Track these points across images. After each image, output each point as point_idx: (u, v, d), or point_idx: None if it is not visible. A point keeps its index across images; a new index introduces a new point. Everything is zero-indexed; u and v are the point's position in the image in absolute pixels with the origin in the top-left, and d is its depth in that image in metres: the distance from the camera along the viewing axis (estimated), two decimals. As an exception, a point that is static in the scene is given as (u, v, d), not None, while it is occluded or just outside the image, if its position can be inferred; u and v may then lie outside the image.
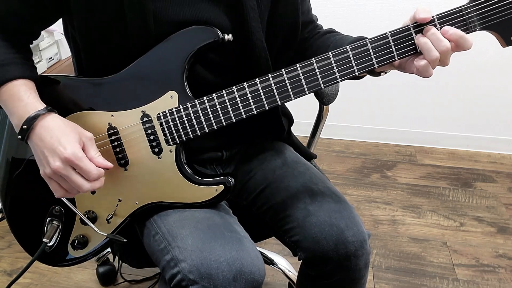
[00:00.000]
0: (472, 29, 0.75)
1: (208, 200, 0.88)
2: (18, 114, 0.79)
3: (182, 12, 0.84)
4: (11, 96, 0.80)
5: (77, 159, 0.75)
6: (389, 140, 2.46)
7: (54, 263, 0.96)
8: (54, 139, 0.76)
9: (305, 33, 1.03)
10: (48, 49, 2.04)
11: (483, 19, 0.75)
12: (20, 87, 0.80)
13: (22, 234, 0.96)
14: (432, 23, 0.75)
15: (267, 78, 0.80)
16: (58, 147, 0.75)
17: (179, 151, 0.86)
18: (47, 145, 0.76)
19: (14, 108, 0.79)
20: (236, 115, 0.83)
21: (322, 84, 0.80)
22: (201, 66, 0.89)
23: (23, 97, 0.79)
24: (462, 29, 0.75)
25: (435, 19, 0.75)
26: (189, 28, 0.83)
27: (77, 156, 0.75)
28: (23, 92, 0.79)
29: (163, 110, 0.84)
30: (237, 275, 0.78)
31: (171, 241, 0.83)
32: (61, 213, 0.91)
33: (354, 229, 0.89)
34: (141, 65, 0.84)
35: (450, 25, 0.75)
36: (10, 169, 0.92)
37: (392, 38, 0.77)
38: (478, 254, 1.71)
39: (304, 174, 1.00)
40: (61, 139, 0.76)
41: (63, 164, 0.75)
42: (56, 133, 0.77)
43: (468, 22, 0.75)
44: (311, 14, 1.06)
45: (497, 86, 2.22)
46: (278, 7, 0.93)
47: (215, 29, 0.83)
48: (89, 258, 0.95)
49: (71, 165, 0.76)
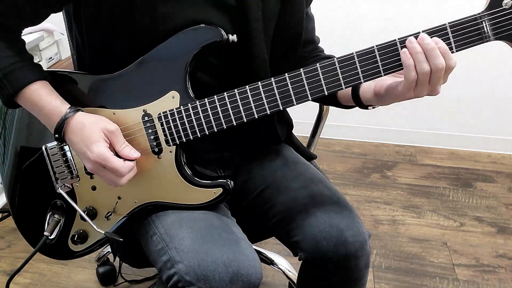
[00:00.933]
0: (486, 39, 0.71)
1: (206, 202, 0.88)
2: (48, 122, 0.82)
3: (189, 15, 0.85)
4: (33, 103, 0.82)
5: (103, 160, 0.77)
6: (389, 140, 2.46)
7: (54, 256, 0.98)
8: (81, 142, 0.80)
9: (305, 52, 1.03)
10: (48, 49, 2.04)
11: (501, 28, 0.70)
12: (39, 91, 0.81)
13: (26, 227, 0.97)
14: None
15: (270, 82, 0.80)
16: (86, 151, 0.79)
17: (179, 152, 0.86)
18: (77, 149, 0.81)
19: (41, 116, 0.82)
20: (237, 118, 0.82)
21: (309, 95, 0.79)
22: (199, 70, 0.89)
23: (45, 104, 0.81)
24: (475, 38, 0.71)
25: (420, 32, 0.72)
26: (194, 27, 0.83)
27: (103, 158, 0.77)
28: (45, 97, 0.81)
29: (164, 110, 0.84)
30: (234, 276, 0.78)
31: (168, 242, 0.83)
32: (63, 207, 0.92)
33: (354, 230, 0.89)
34: (144, 64, 0.84)
35: (463, 34, 0.71)
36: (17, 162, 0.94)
37: (379, 53, 0.75)
38: (478, 254, 1.70)
39: (304, 175, 1.00)
40: (87, 142, 0.79)
41: (94, 165, 0.79)
42: (82, 135, 0.79)
43: (483, 32, 0.71)
44: (314, 33, 1.07)
45: (497, 86, 2.22)
46: (285, 18, 0.93)
47: (220, 29, 0.82)
48: (88, 253, 0.95)
49: (100, 165, 0.78)
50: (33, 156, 0.92)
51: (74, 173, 0.90)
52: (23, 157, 0.93)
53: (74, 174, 0.90)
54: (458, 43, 0.72)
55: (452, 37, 0.72)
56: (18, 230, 0.98)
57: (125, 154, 0.81)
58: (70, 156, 0.89)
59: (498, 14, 0.70)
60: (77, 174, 0.89)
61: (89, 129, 0.79)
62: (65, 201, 0.91)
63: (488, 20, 0.70)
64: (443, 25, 0.72)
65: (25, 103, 0.82)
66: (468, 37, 0.72)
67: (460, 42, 0.72)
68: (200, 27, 0.83)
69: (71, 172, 0.90)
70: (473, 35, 0.71)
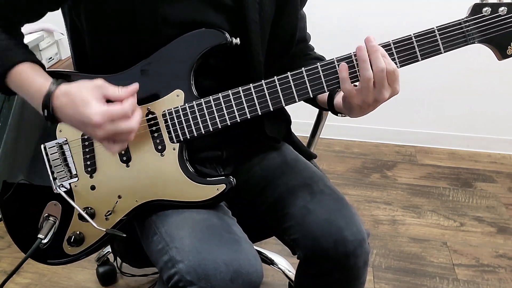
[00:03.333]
0: (470, 41, 0.80)
1: (209, 199, 0.88)
2: (36, 102, 0.78)
3: (189, 16, 0.86)
4: (21, 81, 0.79)
5: (107, 114, 0.74)
6: (389, 140, 2.46)
7: (46, 260, 0.95)
8: (76, 113, 0.75)
9: (297, 50, 1.04)
10: (48, 49, 2.05)
11: (482, 33, 0.80)
12: (27, 71, 0.80)
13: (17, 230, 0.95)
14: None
15: (273, 80, 0.83)
16: (85, 120, 0.74)
17: (182, 149, 0.86)
18: (76, 120, 0.76)
19: (29, 96, 0.79)
20: (241, 114, 0.84)
21: (296, 98, 0.84)
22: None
23: (31, 82, 0.78)
24: (460, 41, 0.80)
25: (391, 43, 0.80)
26: (199, 30, 0.85)
27: (106, 112, 0.74)
28: (31, 76, 0.79)
29: (168, 108, 0.85)
30: (235, 276, 0.78)
31: (169, 241, 0.83)
32: (58, 208, 0.91)
33: (353, 228, 0.89)
34: (149, 64, 0.85)
35: (450, 36, 0.80)
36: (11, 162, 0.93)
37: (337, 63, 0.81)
38: (478, 254, 1.70)
39: (303, 173, 1.01)
40: (80, 109, 0.74)
41: (101, 128, 0.74)
42: (73, 103, 0.75)
43: (467, 35, 0.80)
44: (305, 31, 1.09)
45: (497, 86, 2.22)
46: (280, 20, 0.95)
47: (225, 32, 0.84)
48: (82, 257, 0.94)
49: (105, 123, 0.74)
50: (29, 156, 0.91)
51: (73, 172, 0.89)
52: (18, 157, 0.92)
53: (73, 173, 0.89)
54: (446, 44, 0.81)
55: (440, 39, 0.80)
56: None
57: (124, 94, 0.77)
58: (69, 155, 0.89)
59: (478, 20, 0.80)
60: (76, 174, 0.89)
61: (77, 94, 0.75)
62: (61, 202, 0.90)
63: (472, 24, 0.80)
64: (431, 29, 0.80)
65: (14, 82, 0.80)
66: (454, 40, 0.80)
67: (447, 43, 0.81)
68: (205, 30, 0.84)
69: (70, 171, 0.90)
70: (458, 38, 0.80)
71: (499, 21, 0.79)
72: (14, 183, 0.93)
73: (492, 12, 0.79)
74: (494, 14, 0.79)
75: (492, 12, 0.79)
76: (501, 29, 0.79)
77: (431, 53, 0.81)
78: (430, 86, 2.25)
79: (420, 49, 0.80)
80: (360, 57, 0.78)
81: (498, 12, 0.79)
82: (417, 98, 2.30)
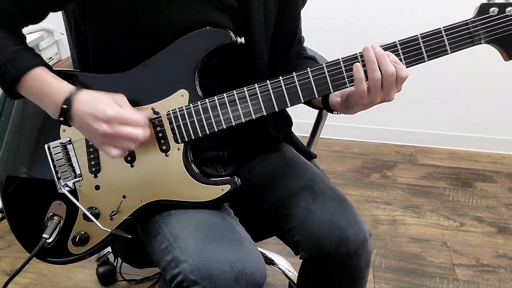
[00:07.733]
0: (477, 42, 0.80)
1: (213, 199, 0.87)
2: (54, 97, 0.79)
3: (193, 18, 0.86)
4: (39, 82, 0.80)
5: (119, 114, 0.77)
6: (389, 140, 2.46)
7: (51, 260, 0.95)
8: (92, 107, 0.78)
9: (293, 50, 1.05)
10: (48, 49, 2.04)
11: (489, 33, 0.79)
12: (44, 74, 0.81)
13: (22, 229, 0.95)
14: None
15: (278, 80, 0.82)
16: (97, 113, 0.77)
17: (187, 149, 0.86)
18: (89, 115, 0.78)
19: (46, 96, 0.80)
20: (246, 114, 0.84)
21: (302, 98, 0.83)
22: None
23: (52, 83, 0.80)
24: (467, 41, 0.80)
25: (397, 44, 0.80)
26: (204, 29, 0.84)
27: (118, 112, 0.77)
28: (51, 78, 0.81)
29: (173, 108, 0.85)
30: (239, 276, 0.78)
31: (172, 241, 0.83)
32: (63, 208, 0.91)
33: (355, 228, 0.90)
34: (153, 63, 0.85)
35: (457, 37, 0.79)
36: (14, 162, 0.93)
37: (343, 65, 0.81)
38: (478, 254, 1.71)
39: (305, 173, 1.01)
40: (98, 105, 0.77)
41: (108, 124, 0.76)
42: (92, 102, 0.78)
43: (474, 35, 0.79)
44: (300, 33, 1.09)
45: (497, 86, 2.23)
46: (283, 20, 0.95)
47: (229, 32, 0.84)
48: (87, 256, 0.94)
49: (116, 122, 0.76)
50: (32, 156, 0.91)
51: (77, 172, 0.89)
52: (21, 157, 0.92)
53: (77, 173, 0.89)
54: (453, 45, 0.80)
55: (446, 39, 0.79)
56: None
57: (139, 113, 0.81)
58: (73, 155, 0.89)
59: (485, 20, 0.79)
60: (81, 173, 0.89)
61: (100, 95, 0.79)
62: (66, 202, 0.90)
63: (480, 24, 0.79)
64: (438, 29, 0.79)
65: (29, 86, 0.81)
66: (461, 40, 0.80)
67: (454, 44, 0.80)
68: (210, 29, 0.84)
69: (74, 171, 0.89)
70: (465, 38, 0.80)
71: (507, 21, 0.79)
72: (18, 182, 0.93)
73: (499, 12, 0.78)
74: (501, 14, 0.78)
75: (500, 12, 0.78)
76: (509, 29, 0.79)
77: (438, 53, 0.80)
78: (430, 86, 2.26)
79: (427, 49, 0.80)
80: (368, 58, 0.78)
81: (505, 12, 0.78)
82: (417, 98, 2.30)
